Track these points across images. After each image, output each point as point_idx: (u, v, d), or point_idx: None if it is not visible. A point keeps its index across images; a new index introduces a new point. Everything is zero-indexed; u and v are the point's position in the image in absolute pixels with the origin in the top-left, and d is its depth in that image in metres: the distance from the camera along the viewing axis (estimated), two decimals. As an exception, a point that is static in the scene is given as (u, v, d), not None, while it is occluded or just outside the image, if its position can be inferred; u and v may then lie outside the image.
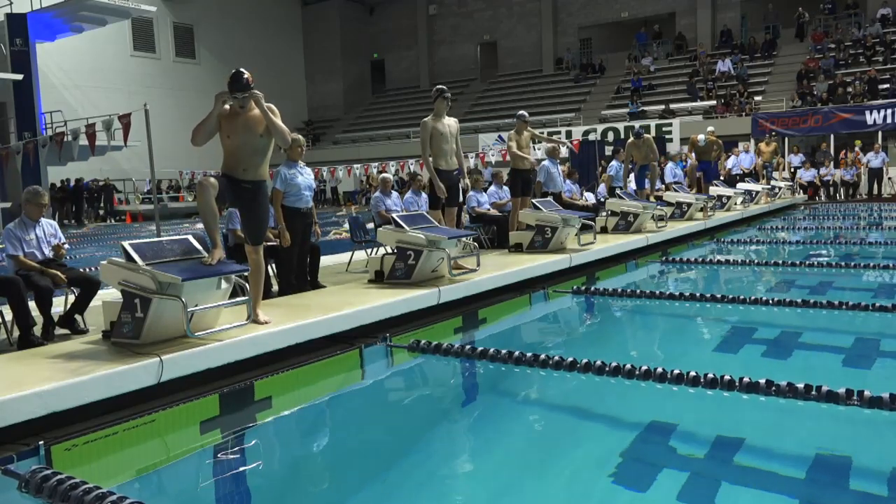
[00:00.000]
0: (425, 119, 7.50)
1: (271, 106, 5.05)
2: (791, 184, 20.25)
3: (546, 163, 10.62)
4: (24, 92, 20.89)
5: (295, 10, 40.01)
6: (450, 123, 7.48)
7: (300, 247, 6.70)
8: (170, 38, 33.08)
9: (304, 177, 6.80)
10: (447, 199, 7.52)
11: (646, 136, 13.19)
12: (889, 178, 21.14)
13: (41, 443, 3.59)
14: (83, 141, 15.43)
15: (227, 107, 4.96)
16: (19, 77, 20.47)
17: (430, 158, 7.42)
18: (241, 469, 3.76)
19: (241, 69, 4.93)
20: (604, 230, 10.86)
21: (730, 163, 19.51)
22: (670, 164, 15.36)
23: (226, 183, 4.98)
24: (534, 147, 10.47)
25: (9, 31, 20.90)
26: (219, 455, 3.90)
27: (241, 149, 4.98)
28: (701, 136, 15.09)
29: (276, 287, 6.57)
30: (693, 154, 15.58)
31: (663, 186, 14.42)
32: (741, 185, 16.99)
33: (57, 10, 21.54)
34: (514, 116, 9.49)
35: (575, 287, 7.78)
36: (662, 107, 27.00)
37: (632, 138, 13.01)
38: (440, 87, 7.54)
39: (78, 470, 3.49)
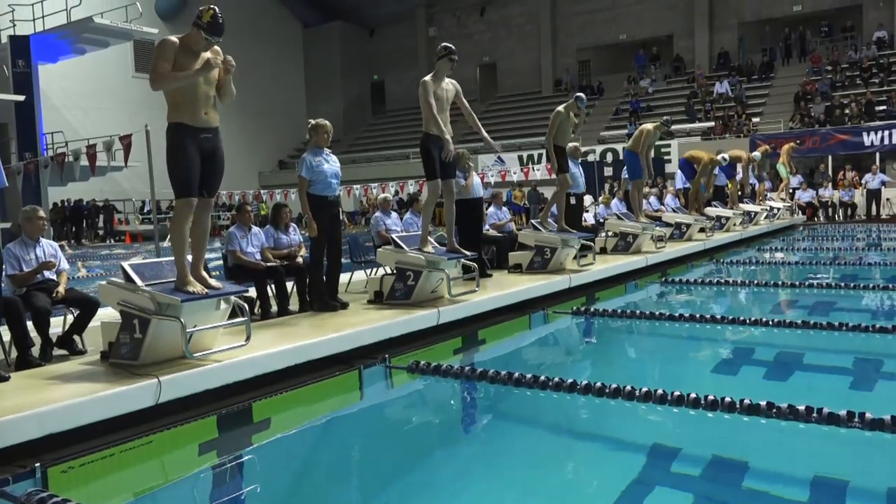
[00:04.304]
0: (426, 78, 6.88)
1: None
2: (790, 204, 20.28)
3: None
4: (25, 113, 20.97)
5: (296, 31, 40.35)
6: (447, 87, 6.94)
7: (329, 241, 6.59)
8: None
9: (331, 164, 6.58)
10: (443, 170, 6.96)
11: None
12: (887, 199, 21.20)
13: (38, 465, 3.56)
14: (84, 161, 15.50)
15: (174, 39, 4.68)
16: (21, 98, 20.57)
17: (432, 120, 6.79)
18: (239, 492, 3.74)
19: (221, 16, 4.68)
20: (603, 251, 10.86)
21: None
22: (669, 197, 15.35)
23: (180, 136, 4.66)
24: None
25: (11, 53, 21.03)
26: (217, 477, 3.87)
27: (199, 89, 4.70)
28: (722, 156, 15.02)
29: (275, 308, 6.54)
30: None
31: (662, 207, 14.43)
32: (741, 206, 17.01)
33: (60, 33, 21.70)
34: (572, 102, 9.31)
35: (575, 308, 7.77)
36: (661, 128, 27.09)
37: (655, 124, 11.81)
38: (447, 45, 6.95)
39: (74, 492, 3.47)
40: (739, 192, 16.64)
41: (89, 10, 21.75)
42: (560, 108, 9.36)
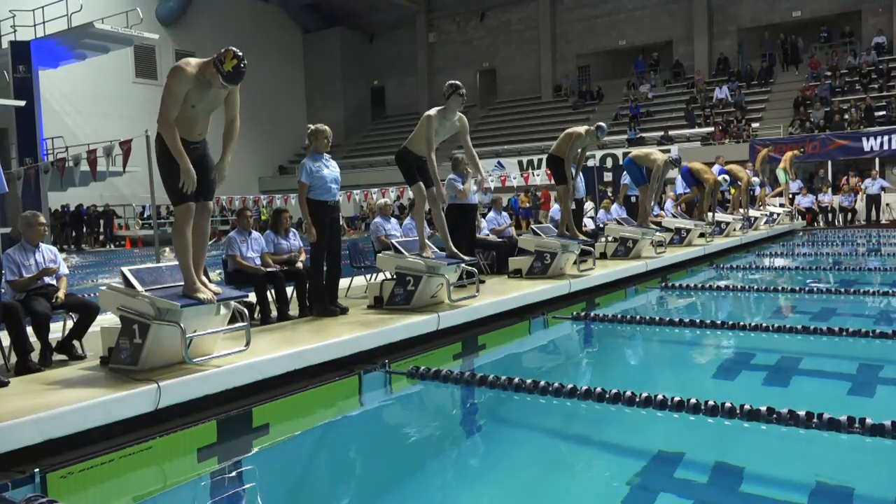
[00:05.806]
0: (430, 112, 7.01)
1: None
2: (789, 209, 20.29)
3: None
4: (26, 118, 21.01)
5: (296, 37, 40.42)
6: (454, 123, 7.06)
7: (328, 246, 6.61)
8: (172, 65, 33.32)
9: (331, 169, 6.64)
10: (421, 176, 7.10)
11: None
12: (887, 205, 21.21)
13: (37, 470, 3.56)
14: (84, 166, 15.52)
15: (192, 72, 4.92)
16: (21, 103, 20.60)
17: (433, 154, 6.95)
18: (239, 497, 3.73)
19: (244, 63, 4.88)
20: (603, 256, 10.87)
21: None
22: (669, 203, 15.35)
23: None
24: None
25: (12, 58, 21.09)
26: (216, 483, 3.86)
27: (201, 116, 4.95)
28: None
29: (274, 313, 6.54)
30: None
31: (662, 213, 14.42)
32: (741, 211, 17.00)
33: (60, 38, 21.75)
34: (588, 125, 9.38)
35: (574, 313, 7.76)
36: (661, 133, 27.17)
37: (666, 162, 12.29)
38: (452, 83, 7.00)
39: (74, 498, 3.46)
40: (739, 199, 16.68)
41: (90, 15, 21.80)
42: (581, 130, 9.43)
